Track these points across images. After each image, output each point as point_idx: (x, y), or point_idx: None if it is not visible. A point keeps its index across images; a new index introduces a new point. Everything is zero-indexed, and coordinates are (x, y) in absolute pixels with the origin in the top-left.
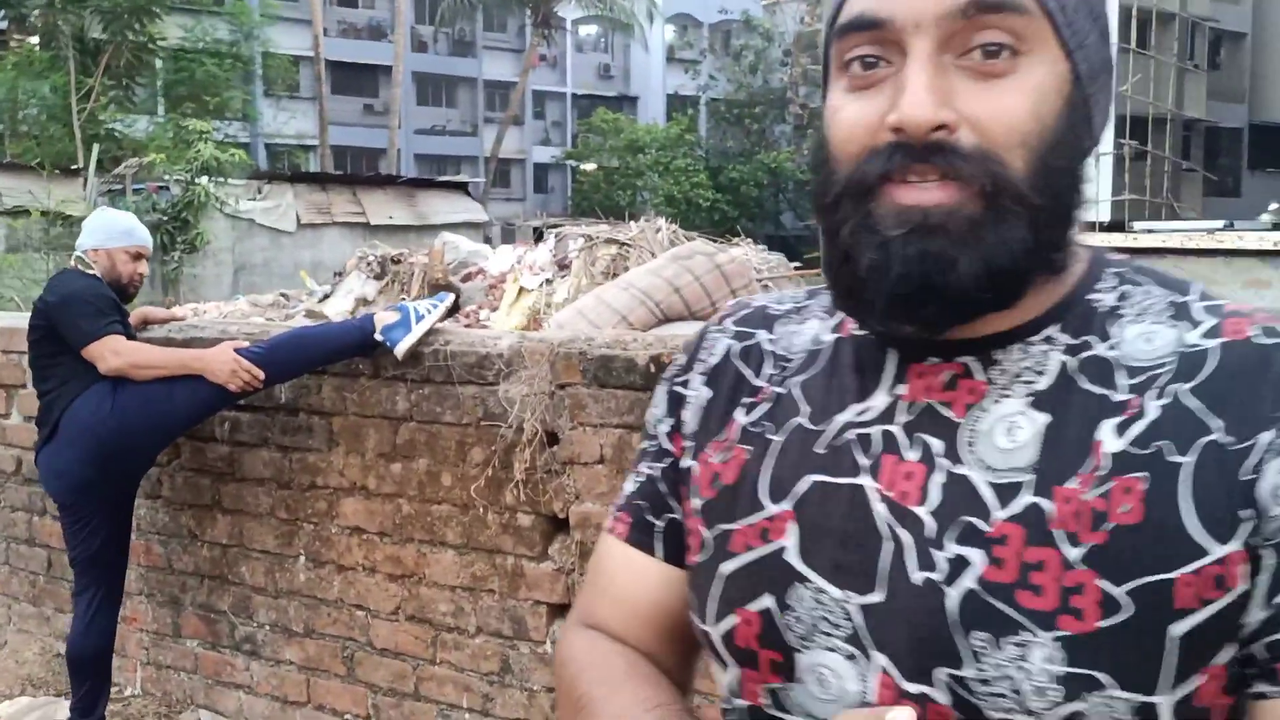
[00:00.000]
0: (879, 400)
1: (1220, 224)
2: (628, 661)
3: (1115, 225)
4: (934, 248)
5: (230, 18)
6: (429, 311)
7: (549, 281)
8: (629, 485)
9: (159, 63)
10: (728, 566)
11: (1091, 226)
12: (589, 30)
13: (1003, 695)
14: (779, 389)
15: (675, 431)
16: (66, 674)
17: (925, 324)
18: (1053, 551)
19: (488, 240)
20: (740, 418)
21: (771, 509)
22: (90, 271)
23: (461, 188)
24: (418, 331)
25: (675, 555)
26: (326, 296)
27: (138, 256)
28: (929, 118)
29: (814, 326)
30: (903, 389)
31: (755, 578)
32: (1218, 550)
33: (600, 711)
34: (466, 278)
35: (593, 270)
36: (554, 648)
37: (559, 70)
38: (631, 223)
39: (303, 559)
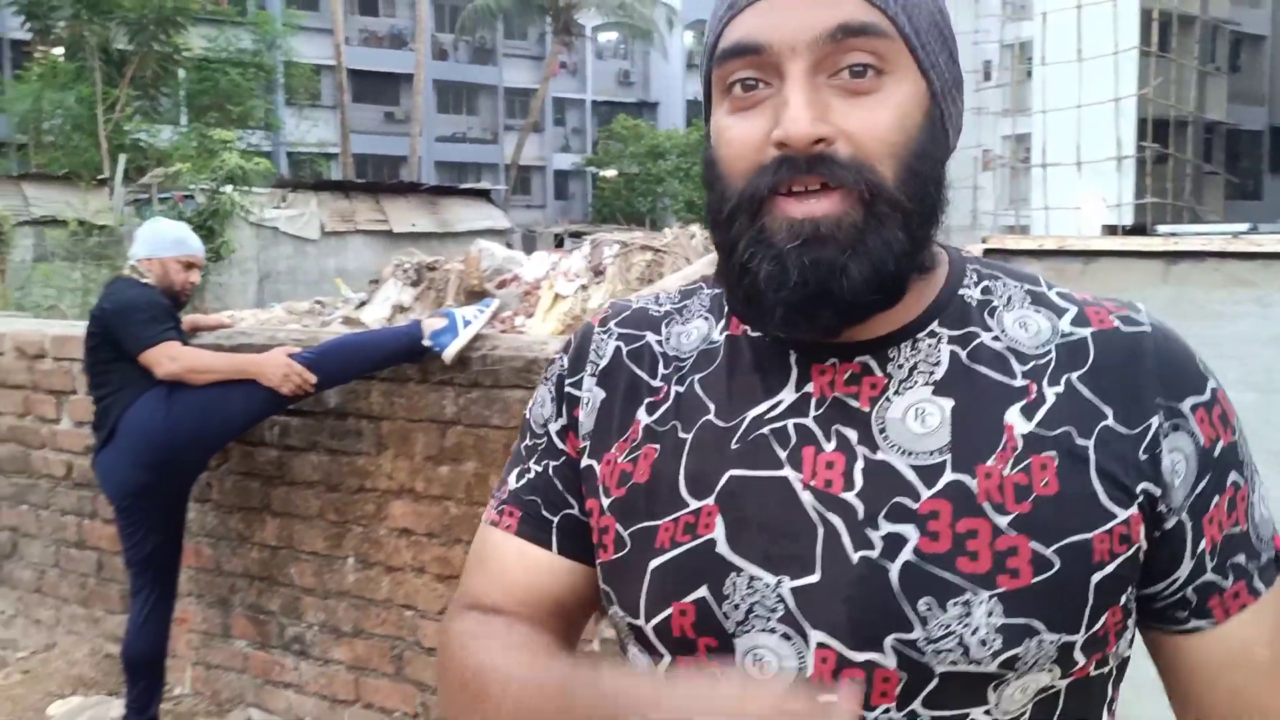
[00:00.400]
0: (787, 396)
1: (1245, 227)
2: (518, 631)
3: (1137, 229)
4: (826, 256)
5: (253, 28)
6: (475, 317)
7: (584, 288)
8: (513, 481)
9: (182, 73)
10: (655, 562)
11: (1114, 230)
12: (609, 37)
13: (949, 650)
14: (678, 388)
15: (569, 430)
16: (117, 674)
17: (822, 328)
18: (984, 521)
19: (509, 247)
20: (644, 417)
21: (694, 504)
22: (144, 280)
23: (484, 195)
24: (465, 336)
25: (570, 549)
26: (363, 303)
27: (190, 265)
28: (810, 132)
29: (700, 326)
30: (809, 386)
31: (687, 571)
32: (1122, 514)
33: (497, 671)
34: (501, 284)
35: (628, 276)
36: (440, 638)
37: (579, 77)
38: (666, 230)
39: (351, 560)
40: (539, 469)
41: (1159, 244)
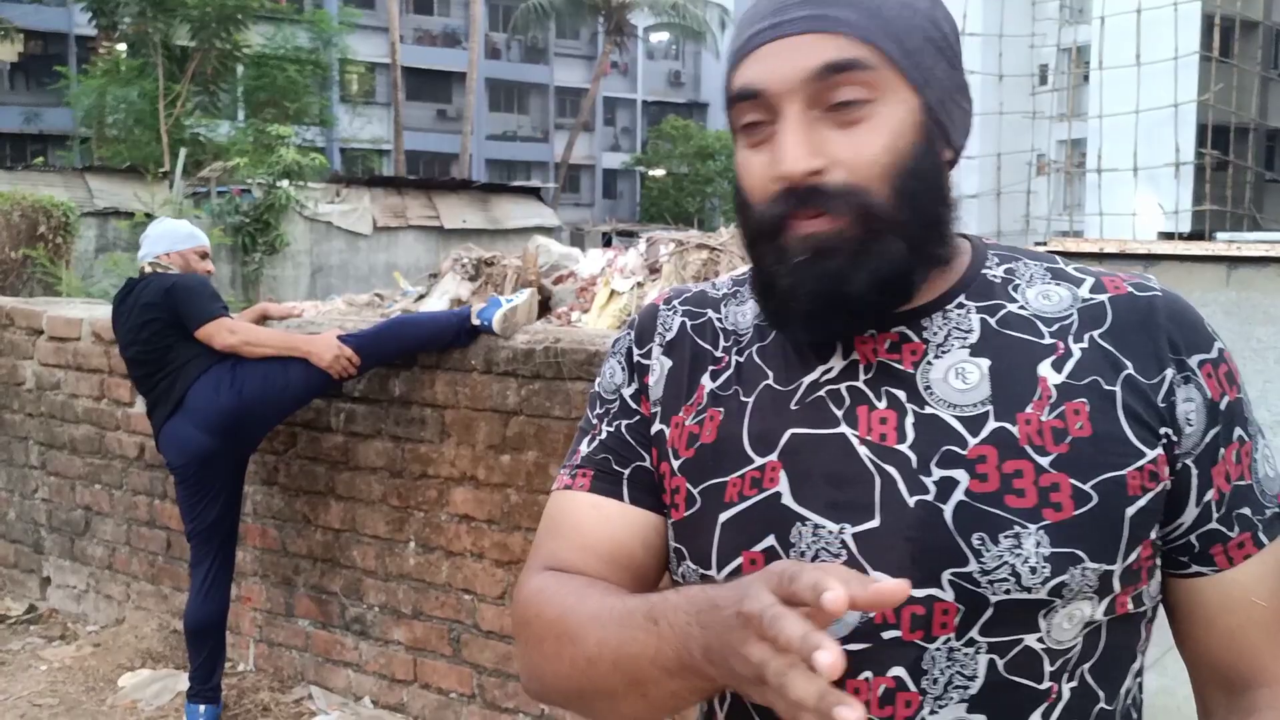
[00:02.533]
0: (836, 363)
1: None
2: (591, 580)
3: (1195, 235)
4: (832, 267)
5: (310, 25)
6: (515, 297)
7: (640, 285)
8: (584, 448)
9: (241, 69)
10: (725, 515)
11: (1171, 237)
12: (660, 38)
13: (1004, 579)
14: (738, 357)
15: (642, 395)
16: (183, 649)
17: (835, 332)
18: (1027, 462)
19: None
20: (708, 383)
21: (759, 460)
22: (173, 271)
23: (534, 193)
24: (505, 307)
25: (641, 500)
26: (422, 296)
27: (204, 255)
28: (801, 169)
29: (753, 306)
30: (854, 354)
31: (756, 522)
32: (1149, 453)
33: (579, 611)
34: (558, 280)
35: (684, 274)
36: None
37: (630, 77)
38: (720, 229)
39: (413, 544)
40: (610, 429)
41: (1221, 249)
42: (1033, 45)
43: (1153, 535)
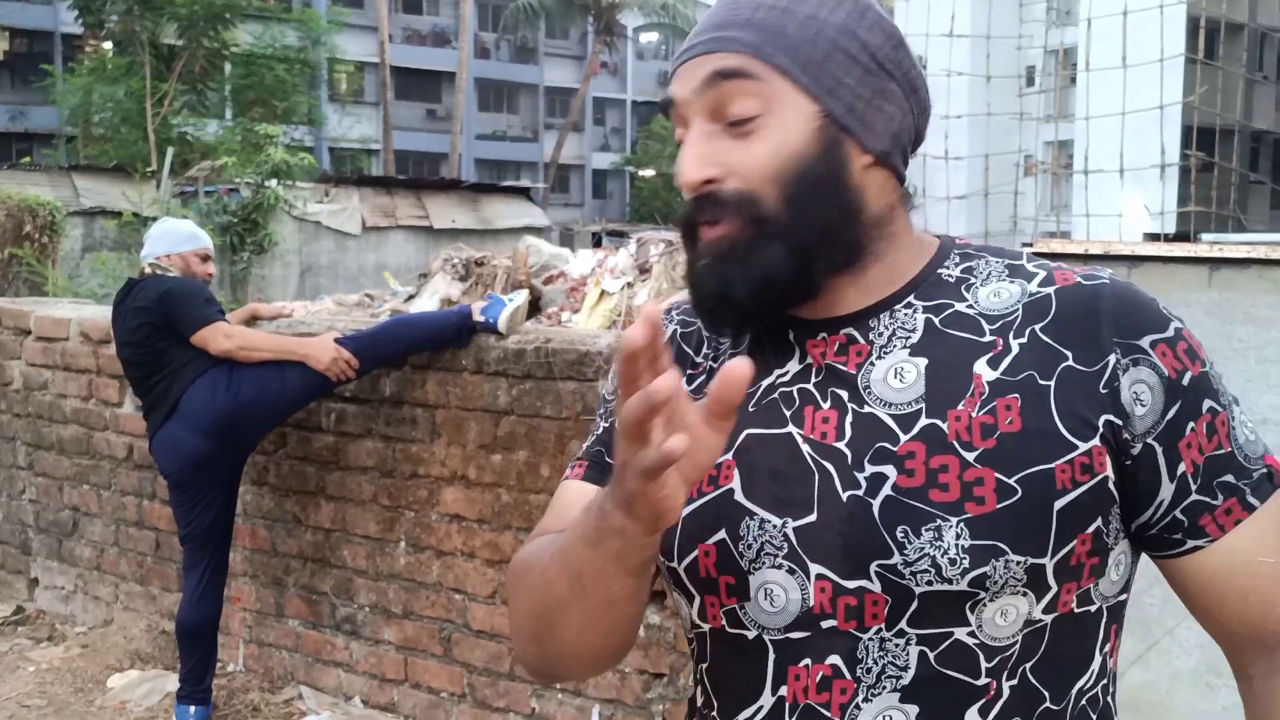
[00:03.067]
0: (792, 366)
1: None
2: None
3: (1181, 236)
4: (721, 271)
5: (299, 24)
6: (514, 297)
7: (630, 285)
8: (587, 441)
9: (229, 68)
10: (686, 510)
11: (1157, 238)
12: (650, 38)
13: (925, 570)
14: (714, 364)
15: None
16: (172, 650)
17: (729, 327)
18: (953, 457)
19: None
20: (685, 388)
21: (718, 459)
22: (172, 274)
23: (524, 193)
24: (511, 306)
25: None
26: (412, 297)
27: (205, 258)
28: (693, 179)
29: None
30: (808, 358)
31: (710, 516)
32: (1083, 446)
33: (542, 548)
34: (548, 280)
35: (674, 274)
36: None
37: (619, 77)
38: None
39: (403, 544)
40: (605, 426)
41: (1203, 250)
42: (1020, 47)
43: (1090, 529)
